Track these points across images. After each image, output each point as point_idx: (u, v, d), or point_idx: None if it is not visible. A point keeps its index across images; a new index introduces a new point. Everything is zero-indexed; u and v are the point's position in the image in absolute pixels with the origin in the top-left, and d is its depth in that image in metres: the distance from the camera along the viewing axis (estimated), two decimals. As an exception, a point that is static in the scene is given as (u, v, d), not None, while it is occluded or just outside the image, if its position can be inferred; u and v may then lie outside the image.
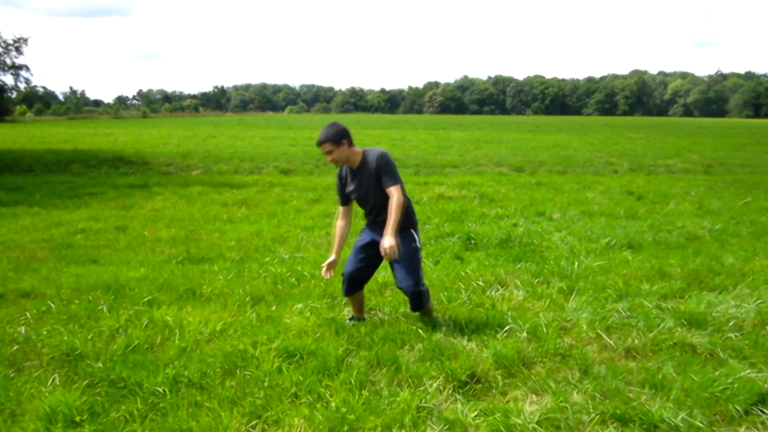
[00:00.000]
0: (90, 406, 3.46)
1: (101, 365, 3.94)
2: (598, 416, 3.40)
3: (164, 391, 3.62)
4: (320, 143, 4.31)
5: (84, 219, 9.05)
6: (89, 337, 4.41)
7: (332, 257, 4.56)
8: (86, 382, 3.74)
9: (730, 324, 4.72)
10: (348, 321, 4.77)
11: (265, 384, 3.72)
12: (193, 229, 8.35)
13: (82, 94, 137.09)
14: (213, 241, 7.70)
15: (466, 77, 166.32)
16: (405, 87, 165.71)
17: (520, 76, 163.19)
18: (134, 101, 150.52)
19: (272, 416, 3.39)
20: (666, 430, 3.27)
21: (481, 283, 5.76)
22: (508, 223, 8.86)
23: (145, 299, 5.21)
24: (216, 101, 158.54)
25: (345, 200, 4.60)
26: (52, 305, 5.08)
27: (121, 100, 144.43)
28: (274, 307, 5.11)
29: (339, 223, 4.63)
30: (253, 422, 3.35)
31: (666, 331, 4.56)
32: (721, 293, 5.54)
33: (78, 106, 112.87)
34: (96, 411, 3.43)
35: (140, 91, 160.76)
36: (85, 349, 4.20)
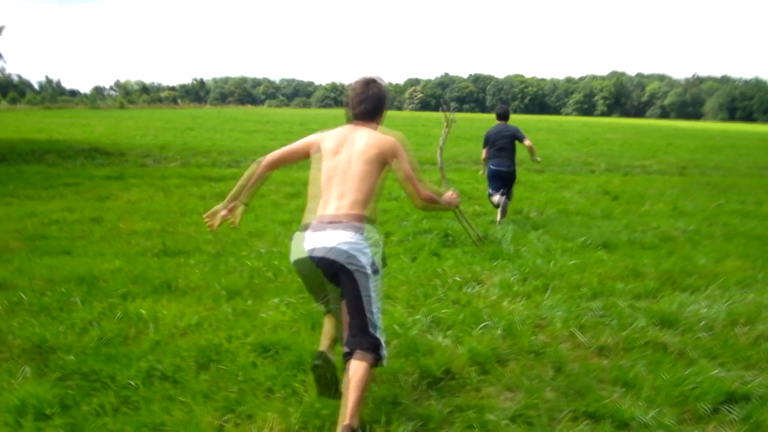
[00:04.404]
0: (61, 398, 3.41)
1: (73, 358, 3.89)
2: (570, 413, 3.44)
3: (137, 384, 3.59)
4: None
5: (58, 210, 8.91)
6: (61, 329, 4.35)
7: None
8: (57, 374, 3.70)
9: (701, 324, 4.80)
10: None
11: (240, 378, 3.71)
12: (169, 222, 8.27)
13: (58, 83, 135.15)
14: (189, 234, 7.63)
15: (446, 75, 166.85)
16: (385, 83, 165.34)
17: (500, 74, 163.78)
18: (111, 92, 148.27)
19: (246, 410, 3.38)
20: (636, 427, 3.32)
21: (457, 279, 5.79)
22: (485, 221, 8.91)
23: (120, 292, 5.16)
24: (195, 93, 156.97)
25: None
26: (24, 297, 4.99)
27: (97, 90, 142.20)
28: (250, 302, 5.09)
29: None
30: (227, 416, 3.33)
31: (638, 330, 4.63)
32: (693, 293, 5.63)
33: (53, 95, 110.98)
34: (67, 404, 3.39)
35: (117, 81, 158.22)
36: (56, 341, 4.14)
